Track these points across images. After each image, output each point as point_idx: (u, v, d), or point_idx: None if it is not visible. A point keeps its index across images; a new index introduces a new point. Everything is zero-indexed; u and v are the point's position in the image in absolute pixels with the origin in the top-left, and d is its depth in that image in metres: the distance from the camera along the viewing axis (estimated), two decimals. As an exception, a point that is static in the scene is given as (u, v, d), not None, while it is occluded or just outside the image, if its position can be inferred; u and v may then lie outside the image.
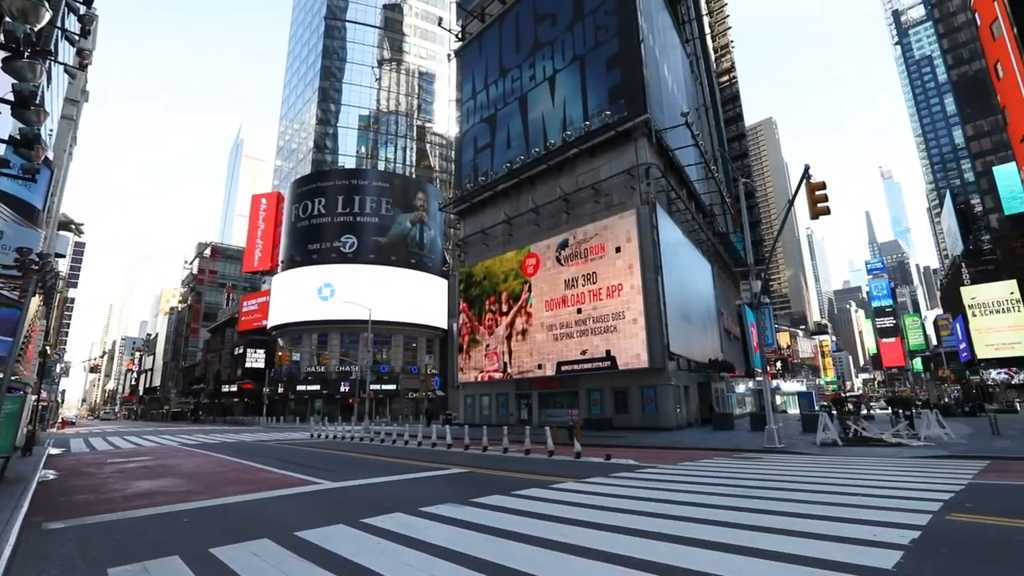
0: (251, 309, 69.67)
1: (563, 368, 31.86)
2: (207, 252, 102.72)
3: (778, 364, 79.76)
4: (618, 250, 30.13)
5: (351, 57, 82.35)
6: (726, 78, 71.14)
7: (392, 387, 60.11)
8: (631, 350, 28.42)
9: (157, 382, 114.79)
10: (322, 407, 56.86)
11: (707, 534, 5.80)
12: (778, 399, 62.87)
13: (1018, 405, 50.73)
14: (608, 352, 29.46)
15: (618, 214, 30.90)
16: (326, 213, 63.27)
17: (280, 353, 44.16)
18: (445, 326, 63.37)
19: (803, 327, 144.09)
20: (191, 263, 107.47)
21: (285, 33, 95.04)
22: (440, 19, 59.85)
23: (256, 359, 64.83)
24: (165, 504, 8.65)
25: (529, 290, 35.09)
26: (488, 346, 37.64)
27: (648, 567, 4.71)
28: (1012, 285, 65.89)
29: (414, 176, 79.67)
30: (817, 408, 36.83)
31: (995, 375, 65.09)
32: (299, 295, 60.83)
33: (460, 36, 49.56)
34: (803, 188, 16.11)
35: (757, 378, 48.90)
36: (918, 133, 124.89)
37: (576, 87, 35.89)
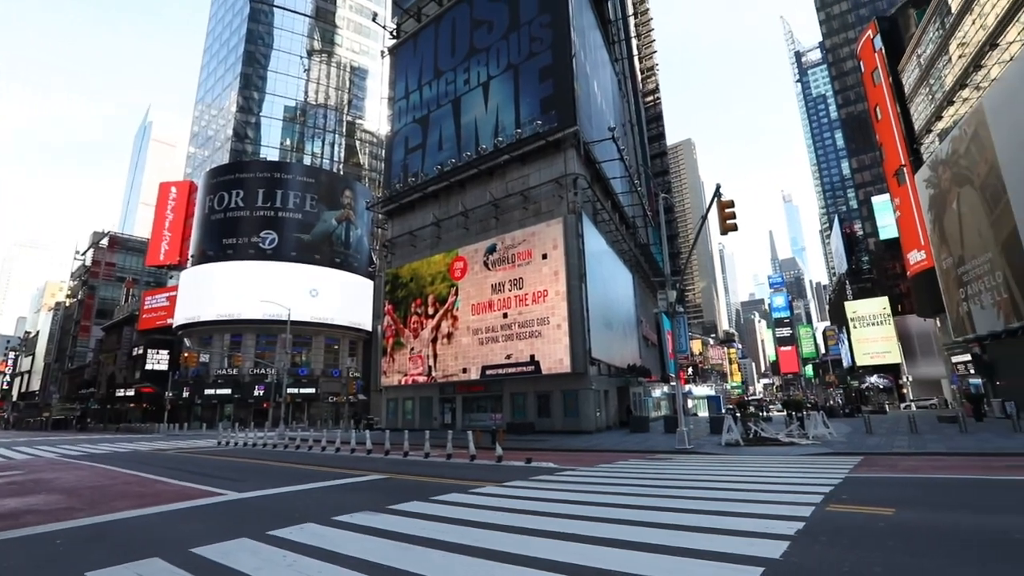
0: (155, 306, 63.95)
1: (488, 372, 31.98)
2: (104, 242, 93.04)
3: (690, 370, 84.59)
4: (545, 257, 30.77)
5: (278, 44, 78.24)
6: (651, 98, 74.98)
7: (311, 390, 57.49)
8: (555, 355, 29.08)
9: (36, 386, 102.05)
10: (233, 412, 53.22)
11: (618, 533, 6.05)
12: (690, 403, 66.69)
13: (887, 407, 57.23)
14: (532, 357, 29.96)
15: (546, 221, 31.59)
16: (245, 207, 59.52)
17: (187, 354, 40.86)
18: (370, 328, 61.58)
19: (714, 335, 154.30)
20: (83, 254, 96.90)
21: (204, 8, 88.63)
22: (375, 14, 58.67)
23: (158, 360, 59.49)
24: (35, 525, 7.69)
25: (456, 294, 34.95)
26: (413, 349, 37.03)
27: (561, 568, 4.84)
28: (884, 301, 74.44)
29: (342, 173, 76.95)
30: (723, 411, 39.52)
31: (871, 380, 72.87)
32: (211, 292, 56.69)
33: (395, 34, 48.67)
34: (715, 205, 17.30)
35: (671, 383, 51.67)
36: (814, 163, 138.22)
37: (509, 94, 36.36)
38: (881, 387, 71.95)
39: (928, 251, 52.43)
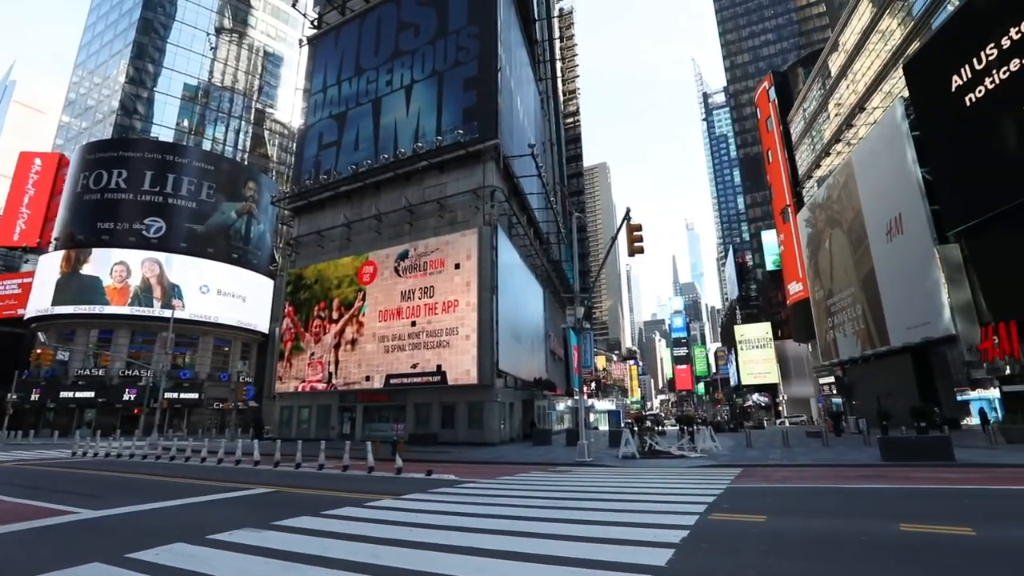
0: (5, 293, 55.40)
1: (392, 381, 31.04)
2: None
3: (593, 384, 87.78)
4: (457, 266, 30.59)
5: (182, 16, 71.80)
6: (571, 120, 77.92)
7: (194, 396, 52.41)
8: (462, 366, 28.85)
9: None
10: (95, 419, 47.03)
11: (513, 545, 5.97)
12: (592, 416, 69.20)
13: (765, 423, 62.96)
14: (439, 367, 29.51)
15: (461, 231, 31.48)
16: (128, 188, 53.50)
17: (39, 350, 35.47)
18: (267, 330, 57.61)
19: (617, 352, 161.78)
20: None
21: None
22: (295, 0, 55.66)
23: None
24: None
25: (363, 299, 33.71)
26: (313, 354, 35.09)
27: (452, 583, 4.65)
28: (767, 326, 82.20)
29: (246, 163, 71.79)
30: (622, 425, 41.29)
31: (754, 398, 79.88)
32: (79, 281, 50.11)
33: (316, 24, 46.60)
34: (624, 228, 18.13)
35: (575, 397, 53.25)
36: (714, 196, 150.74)
37: (432, 101, 36.04)
38: (761, 404, 79.18)
39: (805, 283, 58.79)
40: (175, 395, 49.52)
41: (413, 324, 31.24)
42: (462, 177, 33.43)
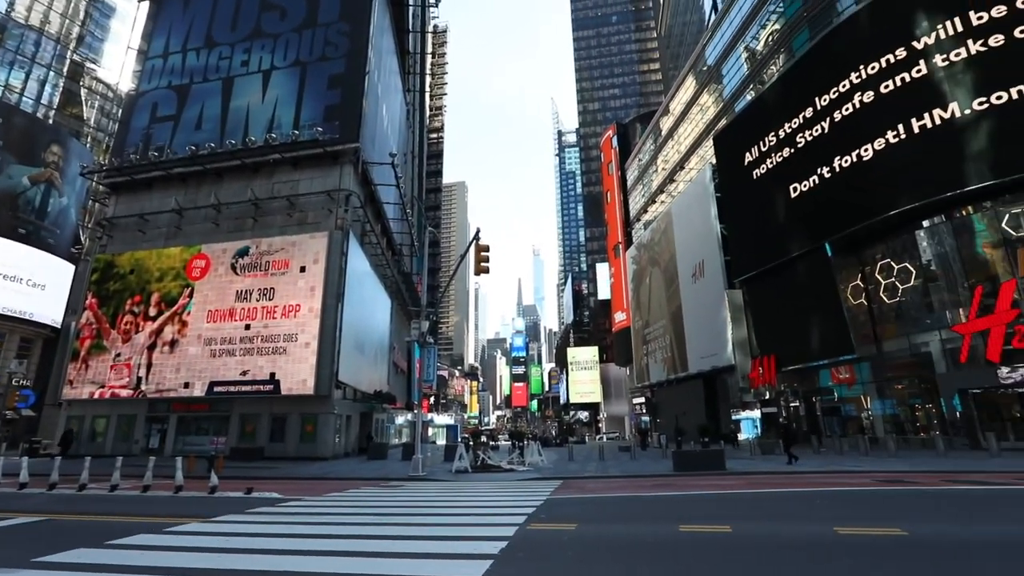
0: None
1: (217, 389, 27.80)
2: None
3: (432, 399, 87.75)
4: (303, 269, 28.80)
5: (-41, -79, 57.11)
6: (435, 135, 78.51)
7: (-78, 402, 40.61)
8: (298, 375, 27.04)
9: None
10: None
11: (330, 565, 5.88)
12: (430, 431, 69.01)
13: (587, 438, 68.93)
14: (273, 375, 27.28)
15: (311, 233, 29.77)
16: None
17: None
18: (59, 323, 47.45)
19: (460, 368, 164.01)
20: None
21: None
22: (129, -57, 48.02)
23: None
24: None
25: (190, 295, 29.84)
26: (119, 356, 29.91)
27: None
28: (595, 350, 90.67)
29: (51, 122, 58.78)
30: (459, 440, 42.03)
31: (579, 415, 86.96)
32: None
33: (154, -24, 40.68)
34: (473, 247, 18.90)
35: (416, 411, 52.76)
36: (560, 226, 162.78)
37: (292, 92, 33.78)
38: (584, 421, 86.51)
39: (628, 313, 66.30)
40: None
41: (247, 327, 28.43)
42: (317, 177, 31.67)
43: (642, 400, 67.11)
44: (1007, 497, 10.57)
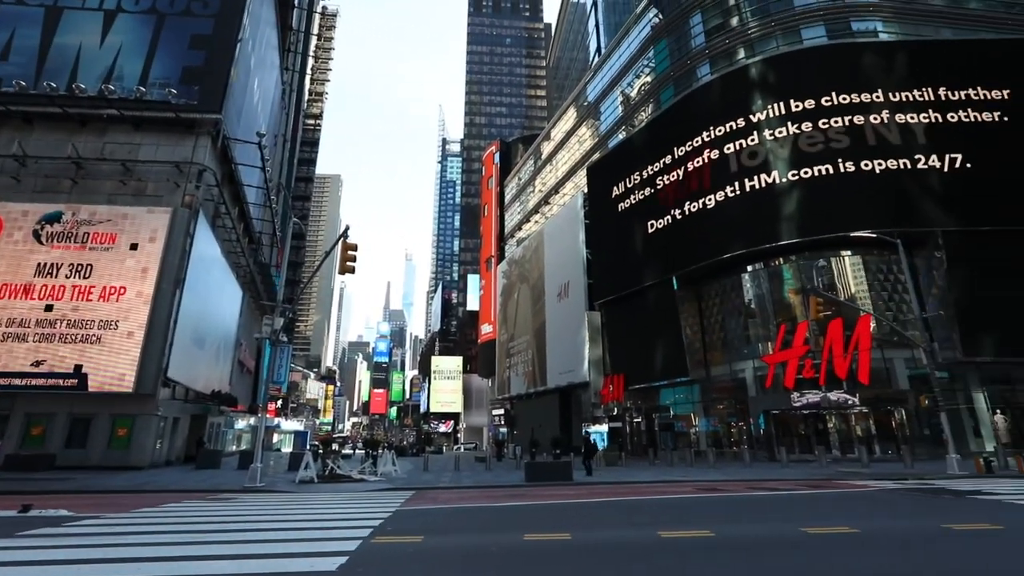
0: None
1: (-6, 382, 22.68)
2: None
3: (280, 402, 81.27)
4: (135, 247, 25.00)
5: None
6: (312, 122, 73.73)
7: None
8: (114, 369, 23.20)
9: None
10: None
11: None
12: (276, 437, 63.47)
13: (444, 448, 68.65)
14: (79, 368, 23.07)
15: (149, 207, 26.02)
16: None
17: None
18: None
19: (316, 370, 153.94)
20: None
21: None
22: None
23: None
24: None
25: (-34, 263, 24.15)
26: None
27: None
28: (459, 360, 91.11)
29: None
30: (308, 447, 39.17)
31: (438, 425, 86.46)
32: None
33: None
34: (340, 245, 17.94)
35: (260, 414, 48.20)
36: (435, 233, 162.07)
37: (143, 42, 29.46)
38: (443, 431, 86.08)
39: (495, 326, 67.72)
40: None
41: (49, 308, 23.72)
42: (164, 144, 27.78)
43: (502, 412, 68.79)
44: (791, 500, 12.59)
